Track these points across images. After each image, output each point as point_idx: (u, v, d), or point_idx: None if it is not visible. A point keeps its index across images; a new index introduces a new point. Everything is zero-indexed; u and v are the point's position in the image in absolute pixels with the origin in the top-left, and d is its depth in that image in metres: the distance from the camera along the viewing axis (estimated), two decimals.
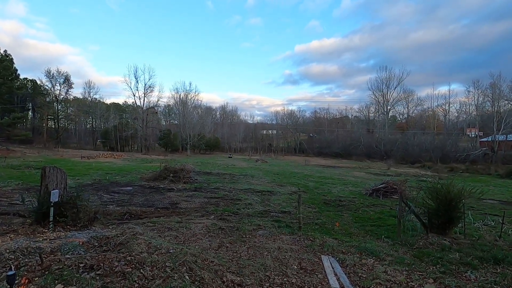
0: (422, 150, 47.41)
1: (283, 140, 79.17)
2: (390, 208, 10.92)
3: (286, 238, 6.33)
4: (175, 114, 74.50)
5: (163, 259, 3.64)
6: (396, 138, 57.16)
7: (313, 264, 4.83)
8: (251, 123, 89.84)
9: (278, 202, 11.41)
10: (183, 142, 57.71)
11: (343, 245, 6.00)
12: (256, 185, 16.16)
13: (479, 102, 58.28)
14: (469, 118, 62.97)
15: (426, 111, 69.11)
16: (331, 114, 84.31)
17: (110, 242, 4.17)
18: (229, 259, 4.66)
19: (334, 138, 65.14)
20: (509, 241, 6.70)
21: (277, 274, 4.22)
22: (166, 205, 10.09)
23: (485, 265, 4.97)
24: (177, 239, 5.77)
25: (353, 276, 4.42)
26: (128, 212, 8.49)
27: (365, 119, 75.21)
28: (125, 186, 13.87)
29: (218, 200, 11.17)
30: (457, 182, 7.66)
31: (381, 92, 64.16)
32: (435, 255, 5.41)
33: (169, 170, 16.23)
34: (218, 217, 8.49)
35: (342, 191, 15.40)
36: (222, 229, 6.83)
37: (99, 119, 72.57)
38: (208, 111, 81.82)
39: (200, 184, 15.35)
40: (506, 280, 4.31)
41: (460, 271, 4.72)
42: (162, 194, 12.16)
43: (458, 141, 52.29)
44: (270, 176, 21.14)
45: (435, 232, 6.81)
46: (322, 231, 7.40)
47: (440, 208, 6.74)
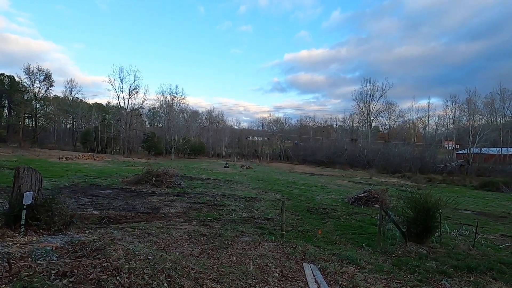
0: (403, 161, 48.89)
1: (269, 146, 79.48)
2: (371, 217, 11.13)
3: (268, 245, 6.30)
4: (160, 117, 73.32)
5: (142, 265, 3.52)
6: (378, 148, 58.67)
7: (295, 271, 4.83)
8: (237, 129, 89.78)
9: (261, 209, 11.37)
10: (168, 146, 56.73)
11: (324, 253, 6.04)
12: (240, 191, 16.07)
13: (456, 116, 61.19)
14: (447, 131, 65.80)
15: (407, 123, 71.63)
16: (317, 123, 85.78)
17: (86, 248, 4.00)
18: (210, 266, 4.57)
19: (319, 146, 66.07)
20: (482, 251, 6.97)
21: (258, 282, 4.18)
22: (147, 209, 9.83)
23: (460, 273, 5.14)
24: (157, 245, 5.61)
25: (334, 284, 4.45)
26: (106, 216, 8.20)
27: (349, 128, 76.90)
28: (104, 189, 13.43)
29: (201, 206, 11.00)
30: (434, 193, 7.93)
31: (365, 103, 66.07)
32: (412, 263, 5.54)
33: (151, 173, 15.87)
34: (201, 223, 8.35)
35: (325, 199, 15.57)
36: (204, 235, 6.71)
37: (80, 119, 70.26)
38: (194, 115, 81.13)
39: (183, 188, 15.09)
40: None
41: (436, 279, 4.85)
42: (144, 198, 11.85)
43: (436, 153, 54.36)
44: (254, 183, 21.10)
45: (413, 240, 6.99)
46: (305, 239, 7.43)
47: (418, 217, 6.93)
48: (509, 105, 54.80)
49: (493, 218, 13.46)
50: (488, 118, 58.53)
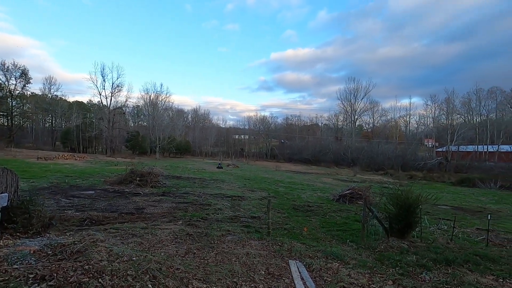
0: (385, 158, 50.18)
1: (255, 145, 79.55)
2: (355, 213, 11.38)
3: (255, 244, 6.32)
4: (145, 116, 71.76)
5: (125, 267, 3.45)
6: (362, 146, 59.99)
7: (281, 269, 4.87)
8: (224, 128, 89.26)
9: (248, 207, 11.38)
10: (152, 145, 55.68)
11: (310, 250, 6.12)
12: (227, 190, 16.02)
13: (435, 115, 63.55)
14: (427, 129, 68.18)
15: (390, 122, 73.68)
16: (302, 121, 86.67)
17: (66, 250, 3.87)
18: (196, 265, 4.54)
19: (305, 145, 66.75)
20: (459, 244, 7.27)
21: (244, 280, 4.19)
22: (131, 210, 9.64)
23: (438, 266, 5.34)
24: (141, 246, 5.51)
25: (319, 280, 4.52)
26: (88, 217, 7.98)
27: (334, 127, 78.18)
28: (86, 190, 13.04)
29: (187, 205, 10.89)
30: (415, 189, 8.20)
31: (349, 102, 67.26)
32: (394, 257, 5.70)
33: (135, 173, 15.56)
34: (186, 222, 8.27)
35: (311, 197, 15.77)
36: (190, 235, 6.65)
37: (60, 118, 67.76)
38: (180, 114, 80.00)
39: (168, 188, 14.88)
40: (456, 280, 4.66)
41: (416, 272, 5.02)
42: (127, 198, 11.60)
43: (417, 151, 56.12)
44: (241, 181, 21.08)
45: (395, 236, 7.20)
46: (291, 236, 7.50)
47: (400, 213, 7.14)
48: (485, 104, 57.44)
49: (469, 212, 14.08)
50: (465, 117, 61.08)
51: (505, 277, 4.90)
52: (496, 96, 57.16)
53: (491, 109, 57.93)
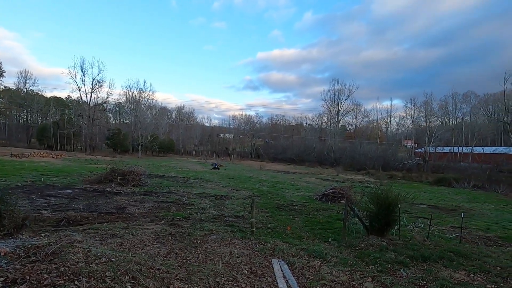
0: (367, 158, 51.46)
1: (240, 144, 79.40)
2: (337, 212, 11.60)
3: (238, 243, 6.31)
4: (127, 113, 69.88)
5: (103, 268, 3.35)
6: (345, 147, 61.23)
7: (264, 268, 4.89)
8: (208, 126, 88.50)
9: (232, 207, 11.35)
10: (134, 143, 54.32)
11: (293, 248, 6.18)
12: (211, 189, 15.90)
13: (415, 117, 65.86)
14: (407, 131, 70.59)
15: (371, 123, 75.69)
16: (287, 121, 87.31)
17: (41, 252, 3.70)
18: (178, 266, 4.47)
19: (289, 145, 67.31)
20: (435, 241, 7.58)
21: (227, 280, 4.17)
22: (111, 209, 9.37)
23: (415, 262, 5.54)
24: (121, 246, 5.37)
25: (301, 278, 4.57)
26: (66, 217, 7.68)
27: (318, 127, 79.31)
28: (63, 189, 12.56)
29: (169, 205, 10.72)
30: (394, 189, 8.46)
31: (333, 103, 68.39)
32: (374, 255, 5.87)
33: (116, 172, 15.14)
34: (169, 222, 8.14)
35: (294, 196, 15.93)
36: (172, 235, 6.55)
37: (36, 114, 64.80)
38: (163, 112, 78.53)
39: (151, 187, 14.59)
40: (431, 275, 4.85)
41: (394, 269, 5.19)
42: (108, 198, 11.28)
43: (397, 151, 57.97)
44: (225, 180, 20.98)
45: (375, 234, 7.40)
46: (274, 235, 7.55)
47: (380, 212, 7.35)
48: (460, 107, 60.11)
49: (444, 211, 14.69)
50: (442, 120, 63.64)
51: (476, 272, 5.15)
52: (470, 100, 60.02)
53: (466, 112, 60.79)
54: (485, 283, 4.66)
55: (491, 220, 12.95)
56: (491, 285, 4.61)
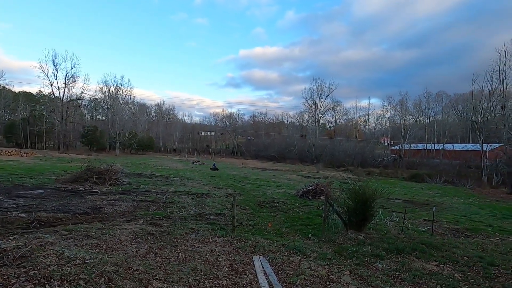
0: (346, 156, 52.85)
1: (222, 142, 78.90)
2: (317, 208, 11.83)
3: (219, 241, 6.29)
4: (103, 109, 67.24)
5: (77, 271, 3.22)
6: (325, 144, 62.42)
7: (245, 265, 4.90)
8: (189, 124, 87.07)
9: (213, 205, 11.28)
10: (112, 141, 52.45)
11: (274, 245, 6.24)
12: (191, 187, 15.70)
13: (391, 116, 68.23)
14: (383, 128, 73.07)
15: (350, 121, 77.65)
16: (269, 119, 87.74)
17: (8, 256, 3.50)
18: (157, 265, 4.39)
19: (271, 142, 67.73)
20: (408, 234, 7.93)
21: (207, 278, 4.15)
22: (86, 210, 9.03)
23: (390, 255, 5.77)
24: (97, 247, 5.19)
25: (281, 273, 4.63)
26: (37, 219, 7.32)
27: (299, 125, 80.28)
28: (34, 189, 11.94)
29: (148, 204, 10.48)
30: (372, 184, 8.75)
31: (314, 101, 69.47)
32: (352, 249, 6.05)
33: (92, 171, 14.58)
34: (148, 221, 7.97)
35: (276, 193, 16.07)
36: (152, 234, 6.41)
37: (3, 110, 60.91)
38: (142, 108, 76.36)
39: (129, 186, 14.18)
40: (405, 267, 5.08)
41: (371, 262, 5.38)
42: (83, 197, 10.85)
43: (375, 149, 59.95)
44: (206, 178, 20.79)
45: (353, 228, 7.63)
46: (255, 232, 7.59)
47: (357, 207, 7.58)
48: (433, 107, 62.98)
49: (418, 205, 15.40)
50: (416, 118, 66.43)
51: (445, 262, 5.45)
52: (442, 100, 63.02)
53: (438, 111, 63.78)
54: (454, 272, 4.94)
55: (459, 213, 13.73)
56: (459, 274, 4.90)
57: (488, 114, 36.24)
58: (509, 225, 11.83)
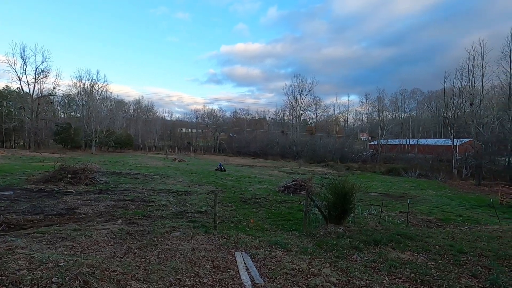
0: (327, 151, 53.93)
1: (203, 139, 77.97)
2: (298, 203, 12.02)
3: (201, 238, 6.23)
4: (78, 106, 64.30)
5: (49, 274, 3.07)
6: (306, 140, 63.36)
7: (227, 261, 4.89)
8: (169, 121, 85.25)
9: (195, 202, 11.16)
10: (87, 139, 50.40)
11: (256, 241, 6.27)
12: (172, 185, 15.44)
13: (369, 112, 70.35)
14: (362, 124, 75.17)
15: (331, 117, 79.29)
16: (250, 115, 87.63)
17: None
18: (136, 265, 4.28)
19: (253, 139, 67.78)
20: (385, 226, 8.24)
21: (188, 276, 4.10)
22: (60, 211, 8.65)
23: (368, 247, 5.96)
24: (72, 249, 4.98)
25: (263, 268, 4.67)
26: (5, 221, 6.93)
27: (280, 121, 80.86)
28: (3, 190, 11.27)
29: (127, 203, 10.19)
30: (351, 179, 8.99)
31: (295, 97, 70.13)
32: (332, 242, 6.20)
33: (66, 170, 13.97)
34: (127, 221, 7.76)
35: (258, 189, 16.15)
36: (131, 234, 6.25)
37: None
38: (120, 105, 73.71)
39: (106, 185, 13.72)
40: (381, 257, 5.27)
41: (350, 254, 5.53)
42: (56, 198, 10.38)
43: (354, 144, 61.56)
44: (187, 176, 20.51)
45: (333, 222, 7.81)
46: (238, 229, 7.59)
47: (337, 201, 7.76)
48: (408, 103, 65.57)
49: (394, 198, 16.03)
50: (393, 114, 68.89)
51: (419, 251, 5.71)
52: (417, 97, 65.75)
53: (413, 107, 66.55)
54: (427, 261, 5.19)
55: (432, 205, 14.45)
56: (431, 262, 5.15)
57: (459, 110, 38.26)
58: (476, 214, 12.61)
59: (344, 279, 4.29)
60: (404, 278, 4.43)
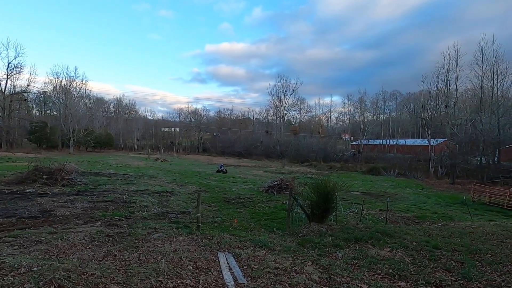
0: (310, 151, 54.65)
1: (186, 138, 76.91)
2: (282, 203, 12.11)
3: (183, 239, 6.15)
4: (54, 104, 61.62)
5: (21, 280, 2.92)
6: (290, 140, 63.95)
7: (210, 262, 4.85)
8: (152, 120, 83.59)
9: (177, 203, 11.00)
10: (65, 138, 48.45)
11: (239, 240, 6.26)
12: (154, 185, 15.14)
13: (351, 113, 71.99)
14: (344, 125, 76.78)
15: (314, 117, 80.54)
16: (235, 115, 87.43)
17: None
18: (115, 268, 4.16)
19: (237, 138, 67.64)
20: (366, 224, 8.47)
21: (170, 278, 4.03)
22: (35, 213, 8.28)
23: (349, 244, 6.11)
24: (47, 253, 4.78)
25: (247, 268, 4.67)
26: None
27: (264, 121, 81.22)
28: None
29: (107, 204, 9.90)
30: (333, 178, 9.16)
31: (279, 97, 70.72)
32: (314, 240, 6.29)
33: (41, 170, 13.38)
34: (106, 223, 7.54)
35: (242, 189, 16.14)
36: (110, 236, 6.07)
37: None
38: (100, 103, 71.43)
39: (85, 186, 13.25)
40: (362, 254, 5.41)
41: (331, 252, 5.64)
42: (30, 200, 9.92)
43: (336, 144, 62.78)
44: (170, 176, 20.18)
45: (316, 221, 7.94)
46: (221, 229, 7.55)
47: (320, 200, 7.89)
48: (388, 104, 67.73)
49: (374, 196, 16.49)
50: (374, 115, 70.90)
51: (397, 248, 5.91)
52: (396, 98, 68.01)
53: (392, 109, 68.81)
54: (404, 257, 5.38)
55: (410, 203, 14.99)
56: (408, 258, 5.34)
57: (435, 112, 39.90)
58: (451, 211, 13.21)
59: (326, 277, 4.37)
60: (383, 274, 4.57)
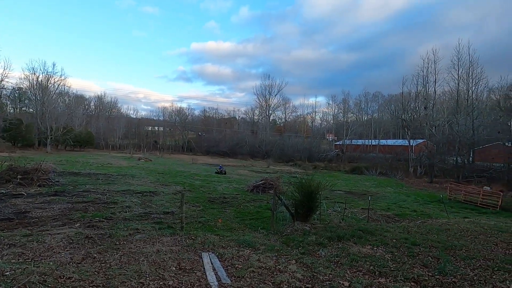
0: (295, 151, 55.16)
1: (171, 137, 75.67)
2: (267, 202, 12.16)
3: (166, 240, 6.05)
4: (30, 101, 58.92)
5: None
6: (275, 140, 64.27)
7: (193, 262, 4.80)
8: (135, 118, 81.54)
9: (161, 203, 10.81)
10: (41, 136, 46.44)
11: (223, 240, 6.23)
12: (137, 185, 14.80)
13: (335, 113, 73.24)
14: (328, 125, 78.08)
15: (299, 118, 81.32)
16: (220, 114, 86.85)
17: None
18: (94, 271, 4.03)
19: (222, 138, 67.24)
20: (348, 222, 8.64)
21: (153, 279, 3.96)
22: (8, 215, 7.90)
23: (332, 242, 6.22)
24: (22, 257, 4.56)
25: (231, 268, 4.66)
26: None
27: (250, 121, 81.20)
28: None
29: (86, 205, 9.58)
30: (317, 178, 9.31)
31: (264, 97, 70.90)
32: (298, 239, 6.36)
33: (16, 170, 12.79)
34: (86, 224, 7.29)
35: (226, 189, 16.06)
36: (90, 238, 5.89)
37: None
38: (79, 101, 68.96)
39: (63, 187, 12.78)
40: (344, 252, 5.53)
41: (315, 250, 5.72)
42: (4, 201, 9.46)
43: (321, 144, 63.69)
44: (153, 176, 19.80)
45: (300, 220, 8.02)
46: (205, 229, 7.48)
47: (304, 199, 7.98)
48: (370, 106, 69.47)
49: (357, 195, 16.87)
50: (357, 116, 72.47)
51: (378, 245, 6.07)
52: (378, 99, 69.87)
53: (375, 110, 70.64)
54: (384, 254, 5.54)
55: (391, 201, 15.44)
56: (388, 254, 5.51)
57: (415, 113, 41.23)
58: (429, 209, 13.72)
59: (309, 275, 4.43)
60: (364, 270, 4.68)
